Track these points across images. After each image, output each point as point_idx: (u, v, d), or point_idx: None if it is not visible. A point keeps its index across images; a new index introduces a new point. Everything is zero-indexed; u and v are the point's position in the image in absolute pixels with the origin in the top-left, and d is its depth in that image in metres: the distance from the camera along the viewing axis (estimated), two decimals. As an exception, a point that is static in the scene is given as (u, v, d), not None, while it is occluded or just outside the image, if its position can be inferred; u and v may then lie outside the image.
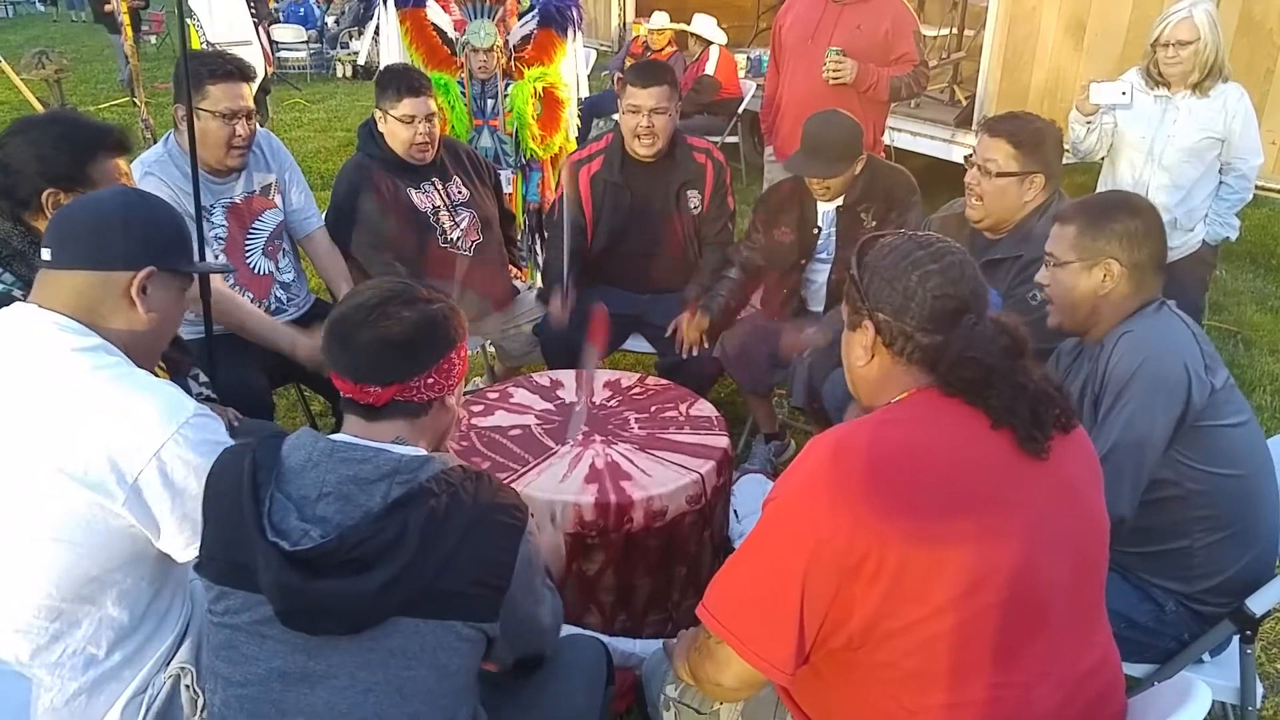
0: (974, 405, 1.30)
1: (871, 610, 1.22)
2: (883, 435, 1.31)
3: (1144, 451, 1.76)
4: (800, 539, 1.25)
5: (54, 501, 1.35)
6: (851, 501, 1.22)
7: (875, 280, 1.39)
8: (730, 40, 7.28)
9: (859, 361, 1.44)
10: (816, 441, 1.34)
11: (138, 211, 1.53)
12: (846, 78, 3.61)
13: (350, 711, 1.27)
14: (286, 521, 1.26)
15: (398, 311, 1.35)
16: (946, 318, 1.34)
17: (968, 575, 1.21)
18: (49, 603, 1.39)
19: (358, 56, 12.11)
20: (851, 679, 1.31)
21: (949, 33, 6.97)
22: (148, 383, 1.44)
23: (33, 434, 1.36)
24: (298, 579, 1.21)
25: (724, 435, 2.38)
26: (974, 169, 2.43)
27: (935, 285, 1.34)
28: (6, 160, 1.85)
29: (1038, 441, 1.28)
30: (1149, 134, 3.28)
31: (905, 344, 1.36)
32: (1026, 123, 2.40)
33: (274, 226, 2.84)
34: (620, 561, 2.15)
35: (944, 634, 1.22)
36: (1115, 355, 1.81)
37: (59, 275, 1.46)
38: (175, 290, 1.57)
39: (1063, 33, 5.19)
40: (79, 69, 10.93)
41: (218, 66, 2.59)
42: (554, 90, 3.80)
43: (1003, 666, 1.24)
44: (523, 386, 2.64)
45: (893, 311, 1.36)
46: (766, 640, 1.29)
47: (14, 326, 1.44)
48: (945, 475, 1.26)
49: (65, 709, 1.43)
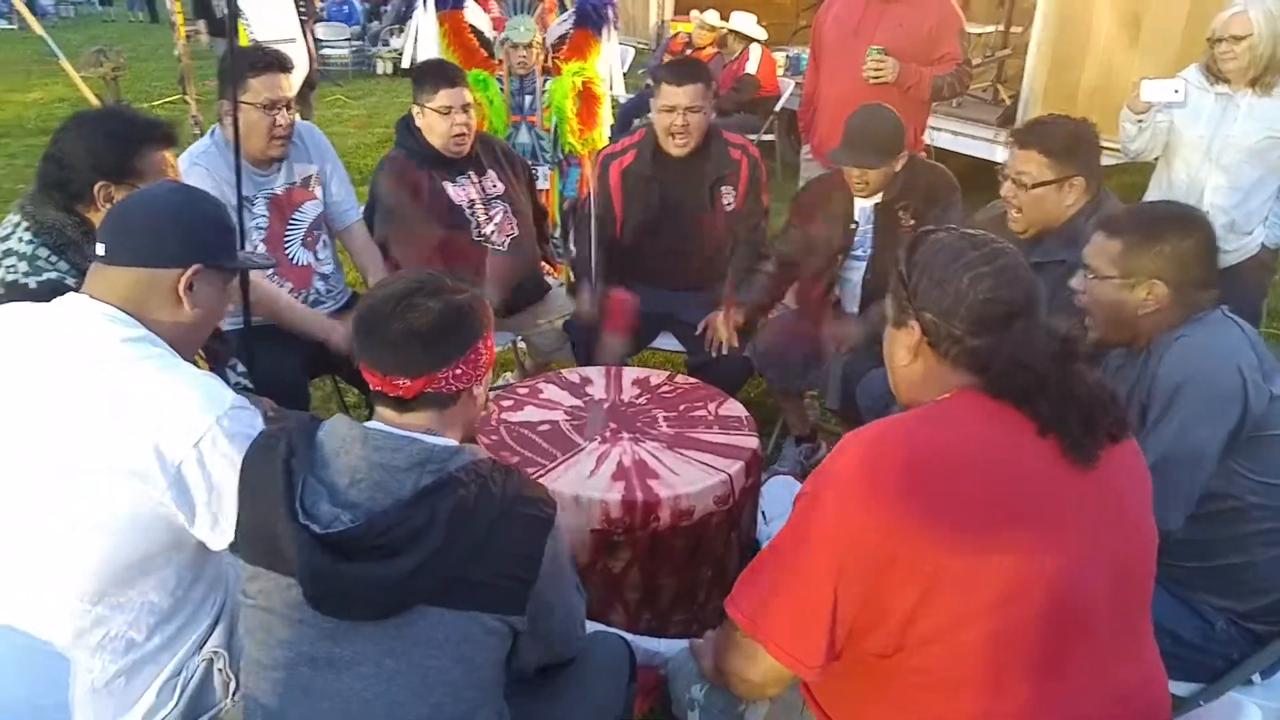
0: (1021, 410, 1.26)
1: (906, 613, 1.20)
2: (921, 434, 1.28)
3: (1196, 463, 1.70)
4: (832, 536, 1.23)
5: (99, 487, 1.39)
6: (885, 501, 1.20)
7: (924, 279, 1.35)
8: (769, 38, 7.22)
9: (902, 361, 1.40)
10: (852, 437, 1.31)
11: (188, 211, 1.59)
12: (888, 77, 3.55)
13: (374, 699, 1.29)
14: (318, 506, 1.28)
15: (424, 303, 1.36)
16: (997, 322, 1.30)
17: (1006, 584, 1.18)
18: (92, 587, 1.42)
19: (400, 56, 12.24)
20: (885, 686, 1.29)
21: (994, 30, 6.86)
22: (190, 373, 1.49)
23: (79, 420, 1.40)
24: (328, 562, 1.23)
25: (754, 436, 2.36)
26: (1008, 182, 2.37)
27: (987, 288, 1.30)
28: (61, 154, 1.91)
29: (1086, 450, 1.24)
30: (1207, 133, 3.16)
31: (952, 346, 1.32)
32: (1057, 128, 2.33)
33: (314, 218, 2.87)
34: (646, 560, 2.14)
35: (981, 643, 1.19)
36: (1167, 362, 1.75)
37: (111, 270, 1.51)
38: (219, 285, 1.63)
39: (1116, 29, 5.06)
40: (135, 67, 11.15)
41: (257, 60, 2.64)
42: (592, 86, 3.80)
43: (1042, 677, 1.21)
44: (552, 382, 2.64)
45: (940, 313, 1.33)
46: (795, 637, 1.27)
47: (66, 316, 1.49)
48: (985, 480, 1.23)
49: (105, 690, 1.47)
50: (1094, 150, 2.35)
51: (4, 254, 1.89)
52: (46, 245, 1.89)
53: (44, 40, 6.65)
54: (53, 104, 10.12)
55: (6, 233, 1.92)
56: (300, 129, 2.83)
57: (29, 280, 1.86)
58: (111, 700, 1.48)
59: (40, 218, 1.90)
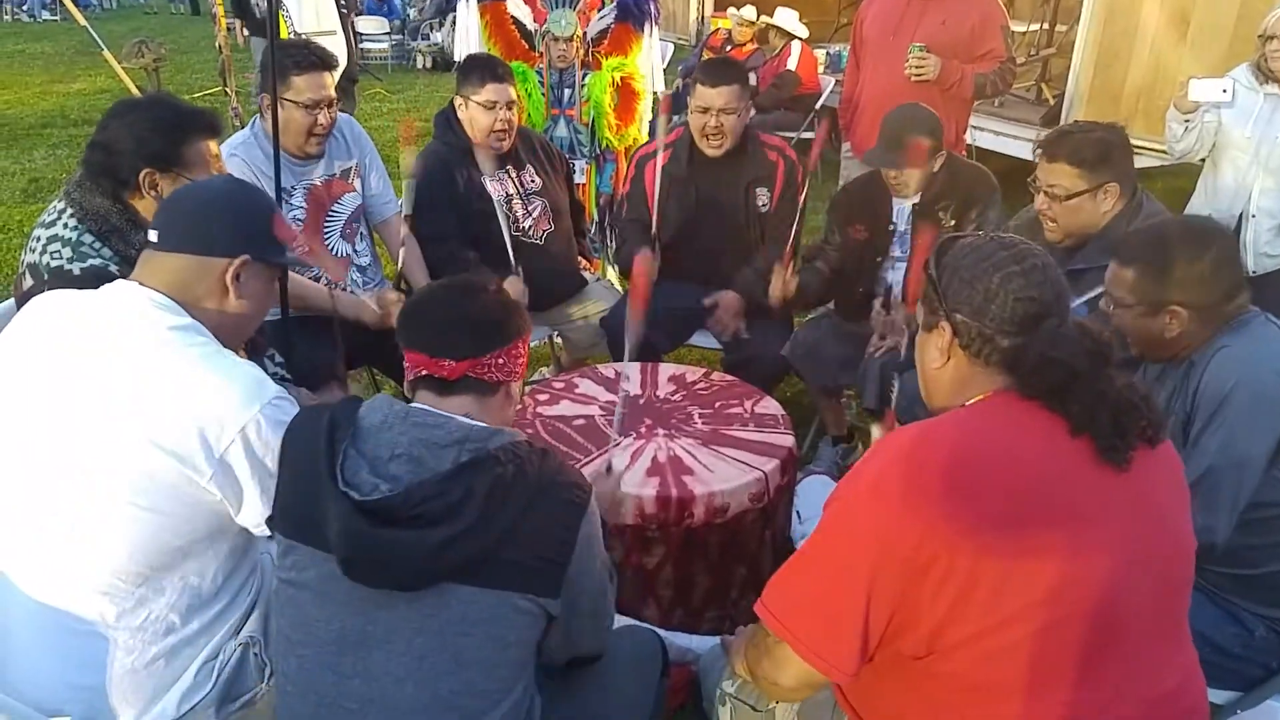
0: (1053, 410, 1.25)
1: (940, 617, 1.19)
2: (957, 437, 1.27)
3: (1243, 473, 1.68)
4: (867, 539, 1.22)
5: (145, 470, 1.41)
6: (923, 504, 1.19)
7: (954, 281, 1.35)
8: (810, 36, 7.18)
9: (934, 363, 1.40)
10: (888, 439, 1.30)
11: (241, 203, 1.62)
12: (929, 75, 3.51)
13: (406, 676, 1.30)
14: (358, 475, 1.30)
15: (474, 294, 1.46)
16: (1029, 321, 1.29)
17: (1043, 588, 1.17)
18: (135, 568, 1.44)
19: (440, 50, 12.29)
20: (919, 689, 1.28)
21: (1039, 27, 6.76)
22: (234, 363, 1.51)
23: (127, 404, 1.42)
24: (365, 525, 1.25)
25: (789, 434, 2.35)
26: (1041, 195, 2.32)
27: (1018, 287, 1.30)
28: (107, 141, 1.92)
29: (1119, 451, 1.23)
30: (1255, 134, 3.10)
31: (984, 346, 1.32)
32: (1085, 136, 2.27)
33: (352, 210, 2.89)
34: (679, 556, 2.14)
35: (1016, 647, 1.18)
36: (1210, 373, 1.73)
37: (162, 256, 1.53)
38: (266, 279, 1.65)
39: (1165, 27, 4.96)
40: (176, 59, 11.33)
41: (302, 58, 2.64)
42: (631, 82, 3.80)
43: (1077, 683, 1.20)
44: (588, 377, 2.64)
45: (971, 312, 1.32)
46: (828, 640, 1.26)
47: (114, 302, 1.51)
48: (1022, 483, 1.21)
49: (145, 671, 1.49)
50: (1125, 154, 2.29)
51: (50, 240, 1.91)
52: (91, 232, 1.90)
53: (87, 31, 6.77)
54: (95, 95, 10.29)
55: (52, 219, 1.94)
56: (340, 122, 2.84)
57: (74, 266, 1.88)
58: (150, 681, 1.50)
59: (85, 205, 1.92)
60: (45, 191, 6.48)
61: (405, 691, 1.30)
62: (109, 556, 1.43)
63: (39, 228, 1.95)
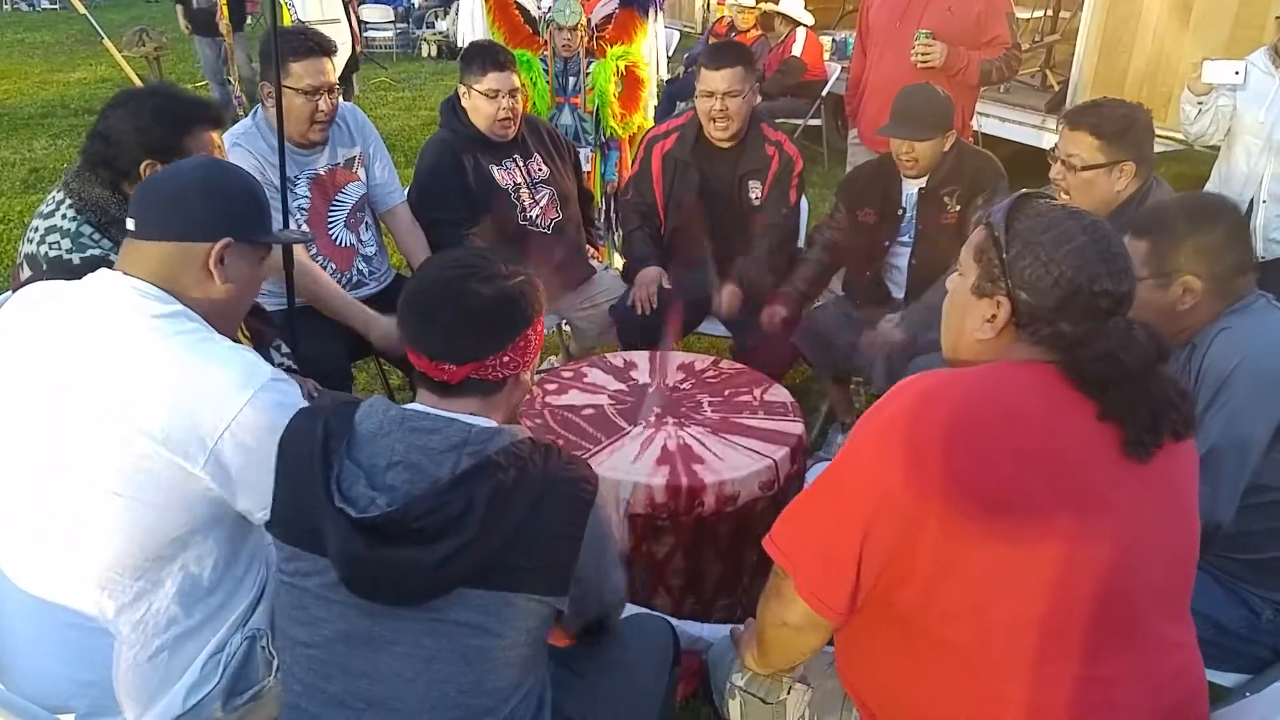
0: (1088, 395, 1.22)
1: (933, 574, 1.18)
2: (976, 395, 1.23)
3: (1245, 453, 1.68)
4: (869, 485, 1.21)
5: (136, 461, 1.38)
6: (924, 465, 1.17)
7: (1026, 256, 1.26)
8: (815, 22, 7.15)
9: (977, 331, 1.32)
10: (907, 384, 1.26)
11: (215, 184, 1.56)
12: (935, 61, 3.50)
13: (414, 678, 1.28)
14: (354, 489, 1.26)
15: (476, 289, 1.33)
16: (1100, 315, 1.25)
17: (1049, 569, 1.17)
18: (132, 561, 1.42)
19: (445, 38, 12.25)
20: (922, 664, 1.27)
21: (1043, 15, 6.74)
22: (225, 348, 1.47)
23: (116, 397, 1.39)
24: (363, 546, 1.22)
25: (799, 421, 2.35)
26: (1058, 164, 2.32)
27: (1096, 280, 1.24)
28: (108, 131, 1.90)
29: (1145, 446, 1.21)
30: (1269, 119, 3.06)
31: (1042, 328, 1.26)
32: (1110, 110, 2.27)
33: (357, 199, 2.88)
34: (690, 545, 2.14)
35: (1021, 625, 1.18)
36: (1213, 353, 1.73)
37: (142, 245, 1.50)
38: (252, 261, 1.60)
39: (1167, 14, 4.95)
40: (177, 47, 11.25)
41: (300, 44, 2.62)
42: (635, 69, 3.79)
43: (1083, 664, 1.20)
44: (597, 366, 2.64)
45: (1037, 295, 1.25)
46: (823, 577, 1.26)
47: (97, 292, 1.47)
48: (1033, 459, 1.19)
49: (148, 665, 1.47)
50: (1147, 135, 2.29)
51: (48, 230, 1.89)
52: (90, 223, 1.89)
53: (87, 20, 6.75)
54: (96, 84, 10.27)
55: (51, 209, 1.92)
56: (344, 110, 2.83)
57: (73, 256, 1.86)
58: (154, 675, 1.48)
59: (85, 195, 1.90)
60: (46, 182, 6.47)
61: (414, 691, 1.28)
62: (104, 551, 1.41)
63: (37, 218, 1.94)
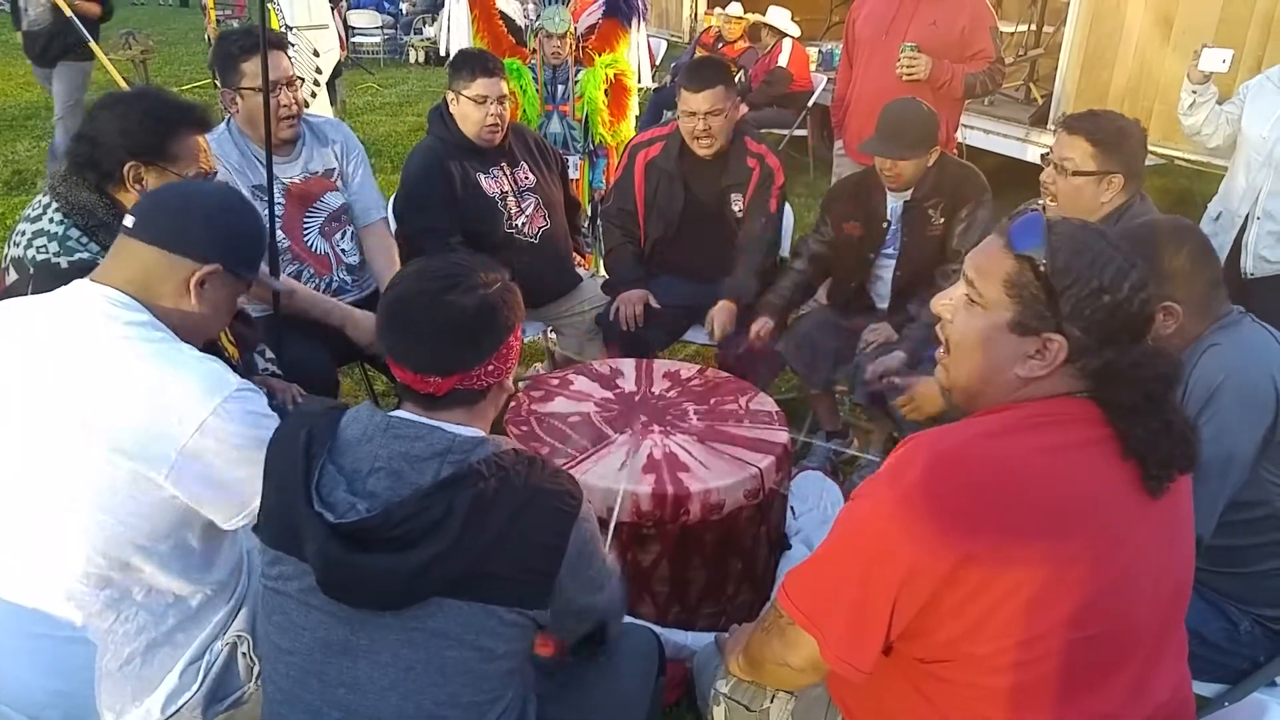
0: (1115, 429, 1.21)
1: (962, 628, 1.18)
2: (995, 451, 1.21)
3: (1229, 468, 1.69)
4: (896, 556, 1.19)
5: (98, 471, 1.38)
6: (959, 526, 1.16)
7: (1075, 289, 1.19)
8: (802, 34, 7.20)
9: (1022, 370, 1.24)
10: (924, 446, 1.23)
11: (229, 214, 1.59)
12: (920, 74, 3.54)
13: (391, 687, 1.28)
14: (335, 494, 1.26)
15: (458, 300, 1.31)
16: (1132, 335, 1.22)
17: (1071, 607, 1.17)
18: (98, 570, 1.41)
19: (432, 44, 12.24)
20: (925, 692, 1.28)
21: (1027, 29, 6.81)
22: (192, 358, 1.47)
23: (79, 405, 1.38)
24: (340, 551, 1.22)
25: (784, 430, 2.36)
26: (1050, 167, 2.36)
27: (1138, 298, 1.20)
28: (94, 133, 1.89)
29: (1160, 482, 1.21)
30: (1271, 136, 3.00)
31: (1090, 360, 1.21)
32: (1108, 120, 2.31)
33: (335, 208, 2.83)
34: (675, 553, 2.14)
35: (1038, 661, 1.18)
36: (1200, 369, 1.74)
37: (133, 244, 1.50)
38: (232, 292, 1.61)
39: (1149, 29, 5.02)
40: (164, 51, 11.24)
41: (247, 43, 2.55)
42: (624, 79, 3.81)
43: (1090, 695, 1.21)
44: (583, 374, 2.64)
45: (1085, 327, 1.19)
46: (850, 643, 1.25)
47: (71, 302, 1.47)
48: (1062, 502, 1.18)
49: (120, 673, 1.47)
50: (1139, 150, 2.32)
51: (35, 234, 1.88)
52: (77, 226, 1.88)
53: (73, 22, 6.70)
54: (82, 87, 10.19)
55: (37, 213, 1.91)
56: (326, 125, 2.80)
57: (60, 260, 1.85)
58: (129, 683, 1.48)
59: (71, 199, 1.88)
60: (29, 184, 6.42)
61: (390, 702, 1.28)
62: (70, 561, 1.40)
63: (24, 222, 1.92)
